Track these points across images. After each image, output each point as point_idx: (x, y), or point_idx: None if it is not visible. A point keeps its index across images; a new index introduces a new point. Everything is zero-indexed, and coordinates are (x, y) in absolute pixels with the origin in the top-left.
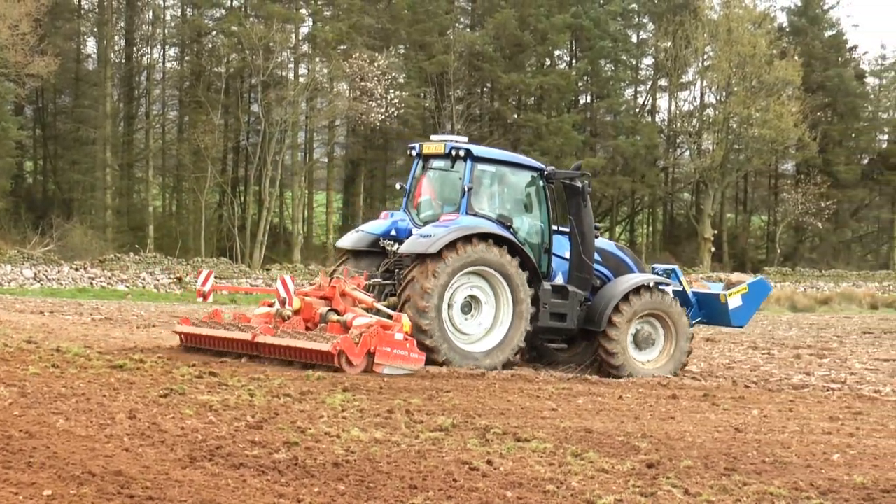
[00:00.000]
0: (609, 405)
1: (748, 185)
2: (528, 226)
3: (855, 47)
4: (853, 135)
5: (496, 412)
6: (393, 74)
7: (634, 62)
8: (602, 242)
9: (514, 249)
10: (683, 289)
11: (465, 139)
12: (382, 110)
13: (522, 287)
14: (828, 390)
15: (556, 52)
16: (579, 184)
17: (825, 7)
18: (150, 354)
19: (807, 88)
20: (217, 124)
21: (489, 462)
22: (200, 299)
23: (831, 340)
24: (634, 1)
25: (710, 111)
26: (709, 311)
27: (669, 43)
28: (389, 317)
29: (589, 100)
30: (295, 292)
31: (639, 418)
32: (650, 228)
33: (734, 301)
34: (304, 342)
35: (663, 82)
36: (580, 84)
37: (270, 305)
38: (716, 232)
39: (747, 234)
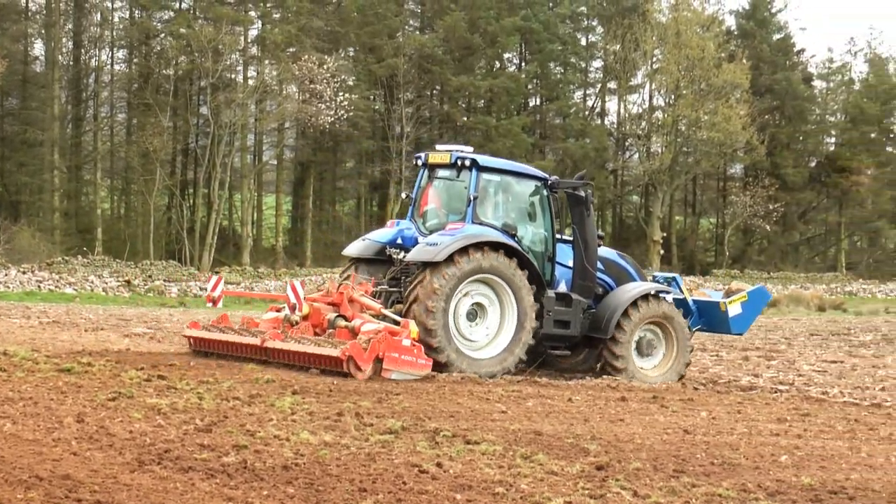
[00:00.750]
0: (558, 407)
1: (697, 187)
2: (531, 234)
3: (802, 50)
4: (801, 138)
5: (446, 415)
6: (342, 77)
7: (584, 65)
8: (604, 251)
9: (518, 258)
10: (684, 297)
11: (471, 149)
12: (332, 113)
13: (527, 295)
14: (776, 392)
15: (506, 55)
16: (583, 193)
17: (773, 10)
18: (98, 358)
19: (755, 91)
20: (166, 127)
21: (439, 465)
22: (210, 304)
23: (779, 342)
24: (583, 4)
25: (658, 114)
26: (709, 318)
27: (618, 46)
28: (397, 323)
29: (538, 102)
30: (305, 298)
31: (588, 420)
32: (600, 230)
33: (734, 309)
34: (314, 347)
35: (612, 85)
36: (529, 87)
37: (278, 311)
38: (665, 234)
39: (696, 236)
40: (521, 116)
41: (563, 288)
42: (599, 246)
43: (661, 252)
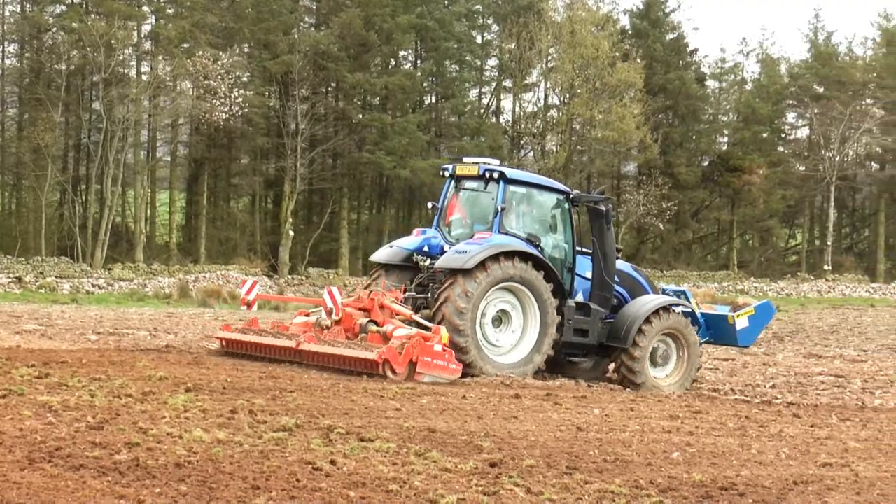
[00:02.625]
0: (453, 405)
1: (591, 186)
2: (553, 245)
3: (696, 50)
4: (694, 137)
5: (340, 412)
6: (237, 73)
7: (479, 63)
8: (619, 264)
9: (542, 267)
10: (693, 310)
11: (498, 161)
12: (226, 109)
13: (550, 303)
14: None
15: (402, 53)
16: (603, 208)
17: (667, 10)
18: None
19: (648, 91)
20: (57, 122)
21: (332, 462)
22: (245, 307)
23: None
24: (479, 2)
25: (553, 112)
26: (716, 331)
27: (514, 44)
28: (427, 329)
29: (434, 100)
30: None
31: (482, 418)
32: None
33: (741, 322)
34: (351, 351)
35: (508, 83)
36: (425, 84)
37: (307, 315)
38: None
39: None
40: (416, 114)
41: (580, 298)
42: (617, 259)
43: None
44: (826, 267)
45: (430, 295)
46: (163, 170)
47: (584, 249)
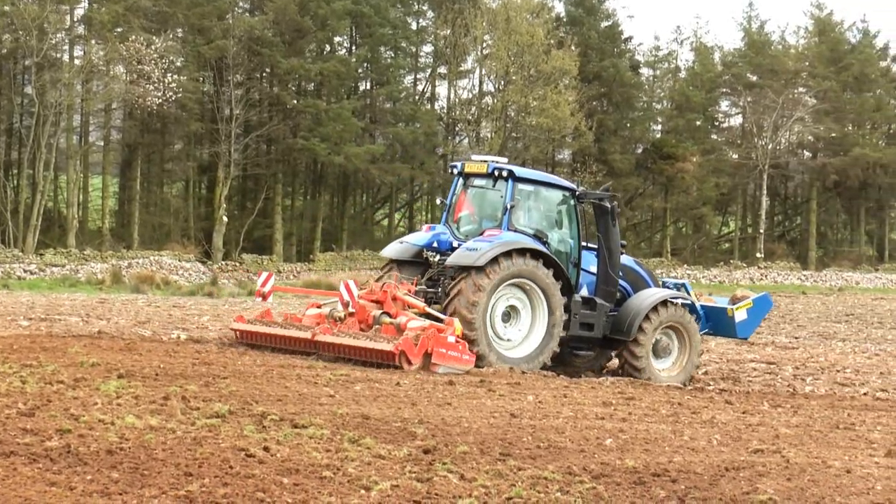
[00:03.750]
0: (386, 391)
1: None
2: (559, 241)
3: (630, 38)
4: (628, 124)
5: (273, 399)
6: (170, 58)
7: (414, 49)
8: (622, 258)
9: (551, 264)
10: (692, 302)
11: (505, 160)
12: (160, 94)
13: (557, 299)
14: (601, 376)
15: (337, 39)
16: (608, 204)
17: None
18: None
19: (583, 78)
20: None
21: (266, 448)
22: (259, 299)
23: None
24: None
25: (488, 99)
26: (716, 323)
27: (449, 31)
28: (440, 320)
29: (369, 86)
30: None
31: (416, 404)
32: (429, 215)
33: (740, 315)
34: (368, 342)
35: (443, 70)
36: (360, 70)
37: (319, 307)
38: None
39: None
40: (351, 100)
41: (584, 292)
42: (621, 254)
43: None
44: (758, 254)
45: (440, 289)
46: (96, 155)
47: (589, 245)
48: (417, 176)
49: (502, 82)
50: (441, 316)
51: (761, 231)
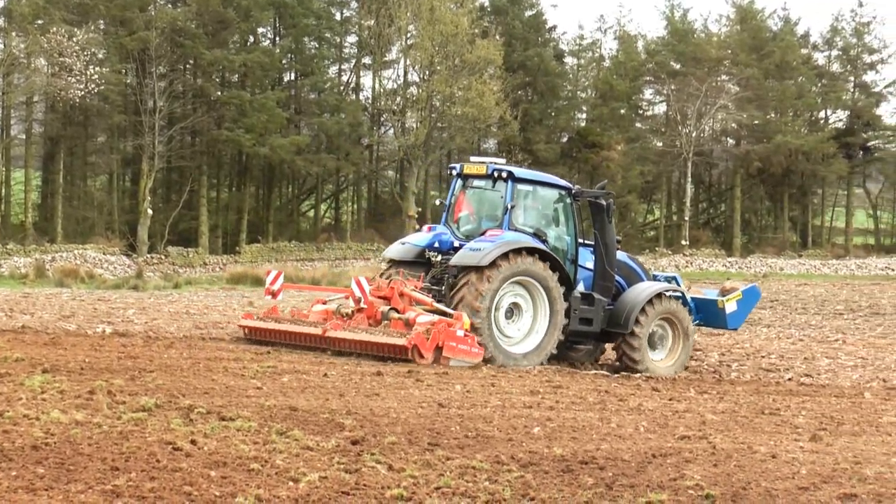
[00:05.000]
0: (314, 383)
1: (451, 162)
2: (557, 239)
3: (554, 27)
4: (553, 113)
5: (200, 391)
6: (93, 50)
7: (338, 40)
8: (617, 254)
9: (552, 262)
10: (683, 294)
11: (504, 161)
12: (82, 86)
13: (558, 296)
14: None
15: (260, 30)
16: (604, 202)
17: None
18: None
19: (508, 68)
20: None
21: (193, 442)
22: (269, 297)
23: None
24: None
25: (413, 89)
26: (706, 314)
27: (373, 21)
28: (449, 315)
29: (293, 77)
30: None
31: (343, 395)
32: (355, 206)
33: (731, 306)
34: (381, 337)
35: (367, 60)
36: (284, 61)
37: (324, 303)
38: (420, 209)
39: None
40: (275, 91)
41: (581, 287)
42: (617, 249)
43: (417, 227)
44: (684, 242)
45: (444, 288)
46: (17, 148)
47: (585, 241)
48: (343, 167)
49: (427, 72)
50: (449, 311)
51: (686, 218)
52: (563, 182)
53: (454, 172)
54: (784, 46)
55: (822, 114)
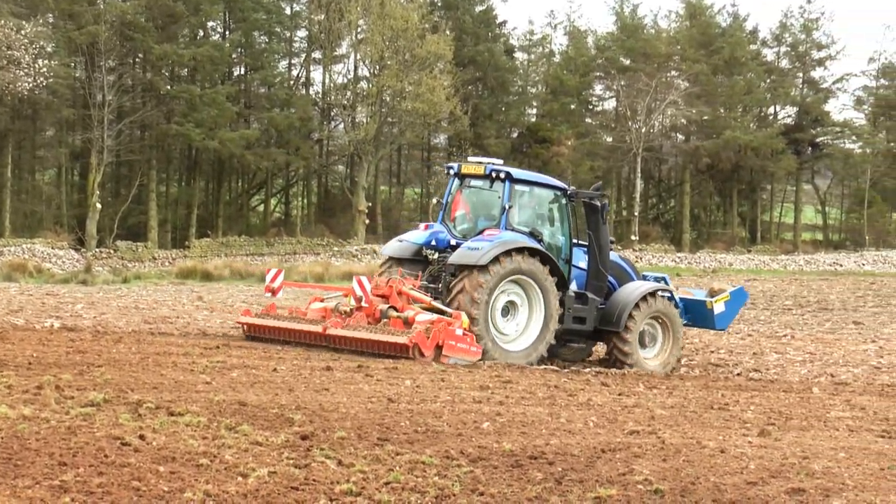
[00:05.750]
0: (263, 378)
1: (402, 157)
2: (552, 238)
3: (504, 22)
4: (503, 108)
5: (149, 386)
6: (41, 43)
7: (288, 34)
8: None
9: (547, 261)
10: (672, 294)
11: (501, 161)
12: (30, 80)
13: (553, 295)
14: (480, 360)
15: (210, 23)
16: (598, 203)
17: None
18: None
19: (458, 63)
20: None
21: (141, 437)
22: (269, 294)
23: None
24: None
25: (363, 84)
26: (694, 315)
27: (323, 16)
28: (447, 314)
29: (243, 72)
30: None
31: (293, 390)
32: (305, 201)
33: (719, 307)
34: (383, 335)
35: (317, 55)
36: (234, 56)
37: (321, 301)
38: (370, 204)
39: (401, 206)
40: (225, 85)
41: (574, 286)
42: (610, 250)
43: (367, 222)
44: (633, 237)
45: (441, 286)
46: None
47: (578, 241)
48: (293, 161)
49: (377, 67)
50: (447, 310)
51: (636, 214)
52: (558, 183)
53: (451, 172)
54: (733, 42)
55: (770, 110)
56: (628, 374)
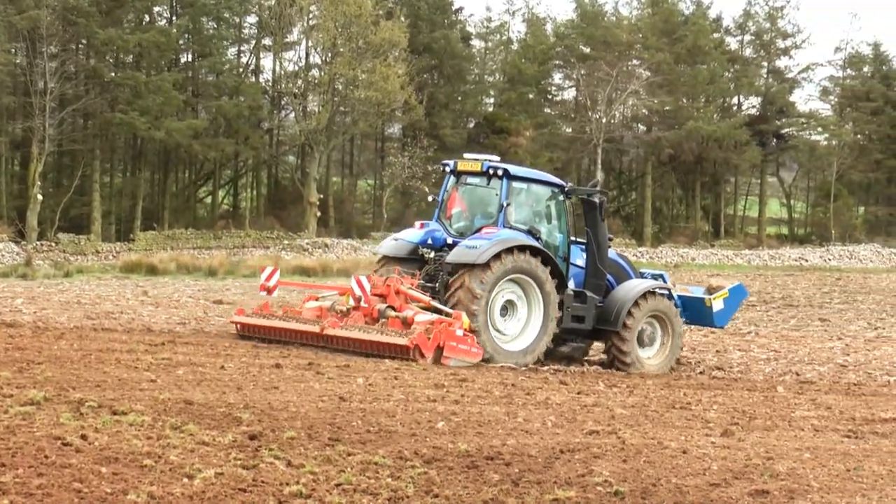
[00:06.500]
0: (210, 375)
1: (354, 148)
2: (550, 236)
3: (461, 9)
4: (459, 98)
5: (91, 384)
6: None
7: (238, 20)
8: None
9: (546, 259)
10: (670, 291)
11: (498, 158)
12: None
13: (552, 293)
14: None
15: (156, 8)
16: (596, 200)
17: None
18: None
19: (413, 50)
20: None
21: (83, 437)
22: (264, 293)
23: None
24: None
25: (315, 72)
26: (693, 312)
27: (273, 1)
28: (446, 314)
29: (190, 58)
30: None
31: (241, 388)
32: (254, 192)
33: (717, 304)
34: (383, 336)
35: (268, 41)
36: (181, 42)
37: (317, 300)
38: (322, 196)
39: (354, 198)
40: (172, 73)
41: (571, 284)
42: (609, 247)
43: (318, 214)
44: None
45: (437, 285)
46: None
47: (576, 239)
48: (242, 151)
49: (329, 54)
50: (447, 310)
51: None
52: (556, 179)
53: (447, 169)
54: (696, 31)
55: (734, 100)
56: (588, 373)
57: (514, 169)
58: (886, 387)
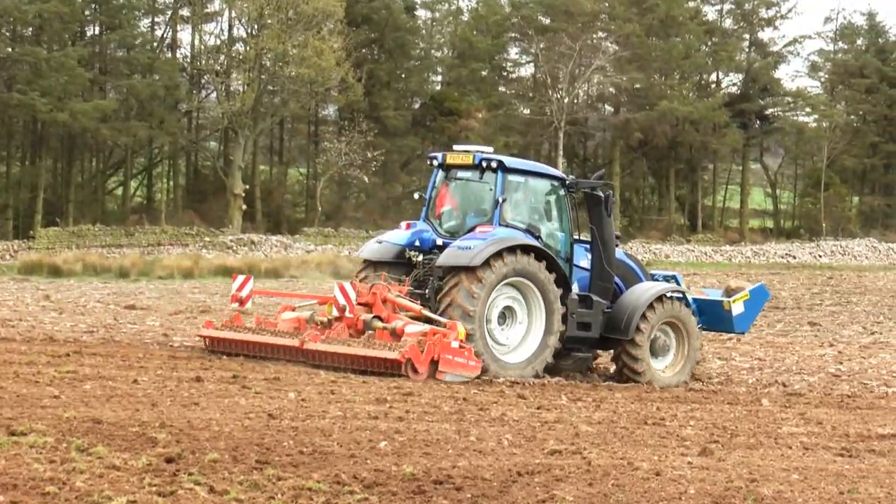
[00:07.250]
0: (122, 391)
1: (284, 132)
2: (550, 235)
3: None
4: (403, 75)
5: None
6: None
7: None
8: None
9: (548, 261)
10: (684, 295)
11: (491, 149)
12: None
13: (555, 298)
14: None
15: None
16: (601, 193)
17: None
18: None
19: (350, 22)
20: None
21: None
22: (236, 304)
23: None
24: None
25: (239, 46)
26: (711, 317)
27: None
28: (439, 324)
29: (97, 31)
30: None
31: (157, 405)
32: (171, 183)
33: (737, 308)
34: (370, 350)
35: (185, 12)
36: (87, 13)
37: (293, 310)
38: (247, 187)
39: (284, 189)
40: (76, 47)
41: (576, 288)
42: (617, 247)
43: (244, 208)
44: None
45: (427, 291)
46: None
47: (579, 238)
48: (157, 137)
49: (255, 26)
50: (440, 319)
51: None
52: (556, 172)
53: (435, 163)
54: None
55: (713, 77)
56: (548, 385)
57: (509, 161)
58: (884, 399)
